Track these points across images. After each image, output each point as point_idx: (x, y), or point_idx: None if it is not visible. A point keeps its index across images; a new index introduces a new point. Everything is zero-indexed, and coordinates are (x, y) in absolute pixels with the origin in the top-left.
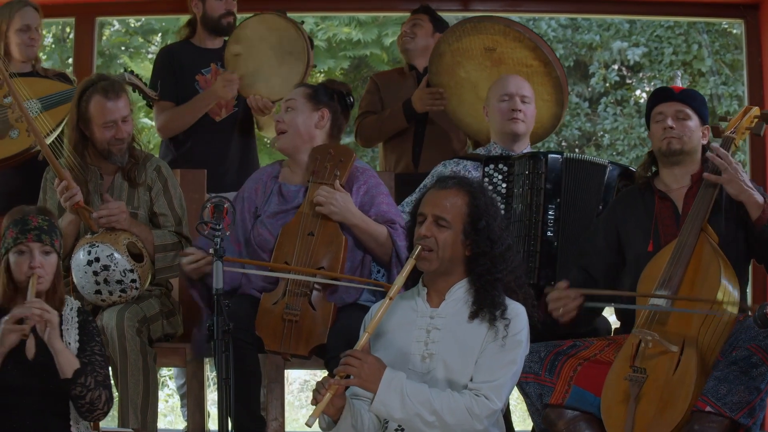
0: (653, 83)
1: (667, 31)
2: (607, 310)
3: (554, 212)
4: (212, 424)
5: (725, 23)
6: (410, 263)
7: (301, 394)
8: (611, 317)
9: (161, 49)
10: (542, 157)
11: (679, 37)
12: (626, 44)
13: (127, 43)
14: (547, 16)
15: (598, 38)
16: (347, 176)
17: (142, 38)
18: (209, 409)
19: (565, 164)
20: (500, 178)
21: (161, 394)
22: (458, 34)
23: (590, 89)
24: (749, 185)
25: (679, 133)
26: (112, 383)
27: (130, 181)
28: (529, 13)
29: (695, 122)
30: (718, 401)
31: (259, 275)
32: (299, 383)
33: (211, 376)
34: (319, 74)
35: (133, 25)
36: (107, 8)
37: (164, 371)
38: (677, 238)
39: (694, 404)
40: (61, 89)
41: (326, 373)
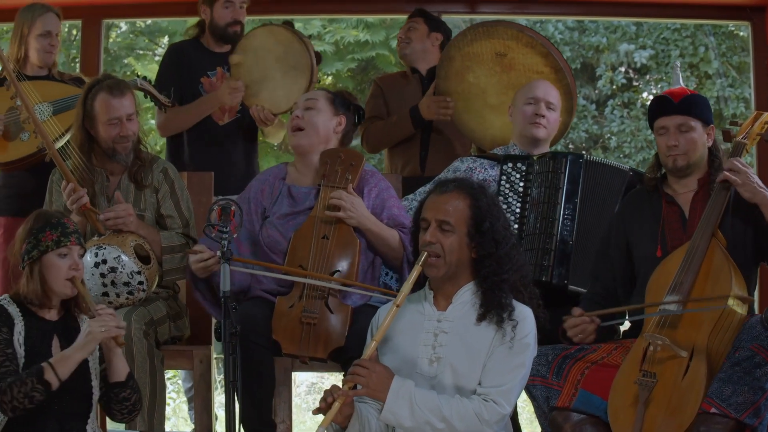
0: (660, 85)
1: (673, 33)
2: None
3: (571, 212)
4: (219, 426)
5: (732, 25)
6: (417, 270)
7: (308, 396)
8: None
9: (170, 45)
10: (563, 157)
11: (685, 39)
12: (633, 46)
13: (133, 44)
14: (554, 18)
15: (605, 40)
16: (358, 180)
17: (148, 39)
18: (216, 411)
19: (585, 166)
20: (518, 177)
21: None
22: (470, 38)
23: (597, 91)
24: (762, 186)
25: (683, 148)
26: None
27: (136, 183)
28: (536, 15)
29: (699, 130)
30: (722, 402)
31: (270, 277)
32: (306, 386)
33: (219, 378)
34: (326, 76)
35: (139, 26)
36: (114, 10)
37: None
38: (689, 242)
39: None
40: (73, 93)
41: (333, 375)
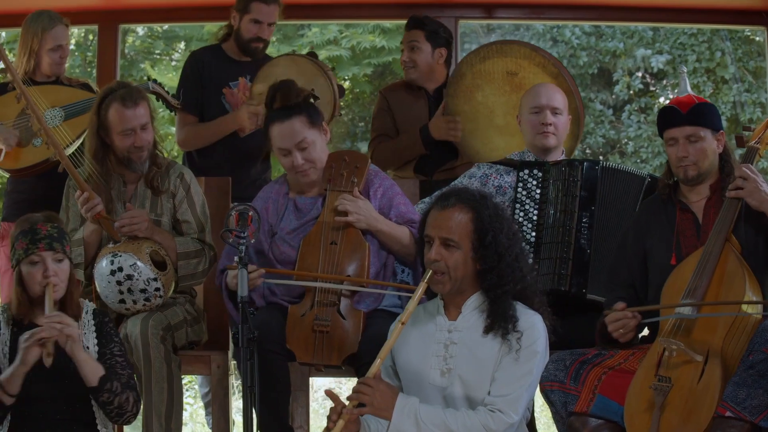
0: (676, 91)
1: (690, 38)
2: None
3: (588, 220)
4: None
5: (748, 30)
6: (422, 287)
7: (325, 401)
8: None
9: (191, 55)
10: (578, 164)
11: (702, 44)
12: (650, 51)
13: (150, 49)
14: (571, 23)
15: (621, 46)
16: (364, 182)
17: (165, 44)
18: (234, 417)
19: (601, 173)
20: (534, 183)
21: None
22: (482, 55)
23: (614, 97)
24: None
25: (693, 158)
26: (136, 382)
27: (153, 188)
28: (553, 20)
29: (708, 139)
30: (737, 406)
31: (282, 288)
32: (324, 391)
33: (236, 383)
34: (344, 81)
35: (156, 30)
36: (130, 15)
37: (190, 380)
38: (702, 248)
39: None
40: (83, 98)
41: (351, 380)
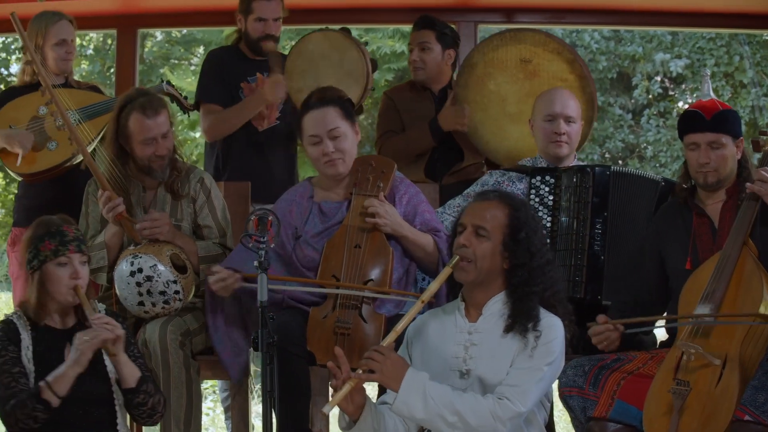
0: (695, 95)
1: (708, 42)
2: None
3: (601, 226)
4: None
5: (766, 35)
6: (446, 271)
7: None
8: (658, 330)
9: (209, 52)
10: (589, 170)
11: (720, 48)
12: (669, 56)
13: (168, 54)
14: (590, 28)
15: (640, 50)
16: (390, 187)
17: (183, 49)
18: (253, 421)
19: (612, 178)
20: (547, 190)
21: (203, 406)
22: (495, 43)
23: (633, 101)
24: None
25: (714, 165)
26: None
27: (173, 193)
28: (572, 25)
29: (729, 146)
30: (756, 410)
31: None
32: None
33: (256, 388)
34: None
35: (174, 35)
36: (149, 20)
37: (205, 385)
38: (720, 251)
39: None
40: (98, 100)
41: (370, 385)
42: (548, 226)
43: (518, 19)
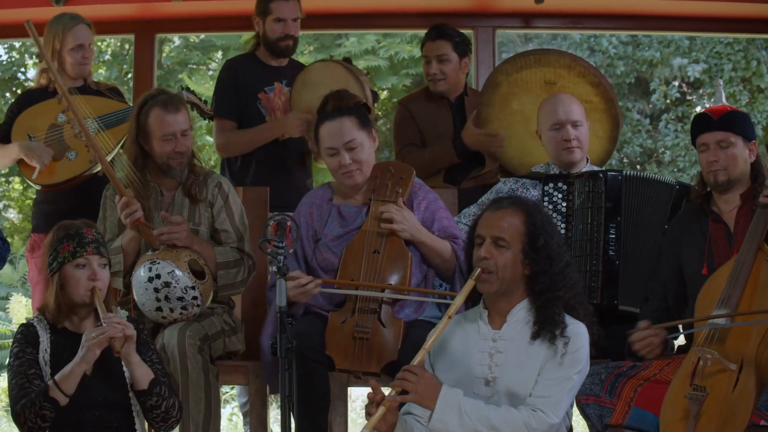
0: (713, 99)
1: (726, 47)
2: None
3: (615, 231)
4: None
5: None
6: (469, 284)
7: (363, 411)
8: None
9: (225, 62)
10: (601, 175)
11: (738, 53)
12: (686, 60)
13: (186, 59)
14: (608, 33)
15: (658, 55)
16: (408, 193)
17: (201, 54)
18: (272, 427)
19: (624, 182)
20: (560, 196)
21: (226, 411)
22: (519, 65)
23: (651, 106)
24: None
25: (723, 164)
26: (176, 388)
27: (191, 197)
28: (590, 30)
29: (739, 146)
30: None
31: (323, 295)
32: (362, 400)
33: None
34: (382, 91)
35: (192, 40)
36: (167, 25)
37: (227, 390)
38: (735, 257)
39: None
40: (118, 108)
41: (389, 389)
42: (562, 232)
43: (536, 24)
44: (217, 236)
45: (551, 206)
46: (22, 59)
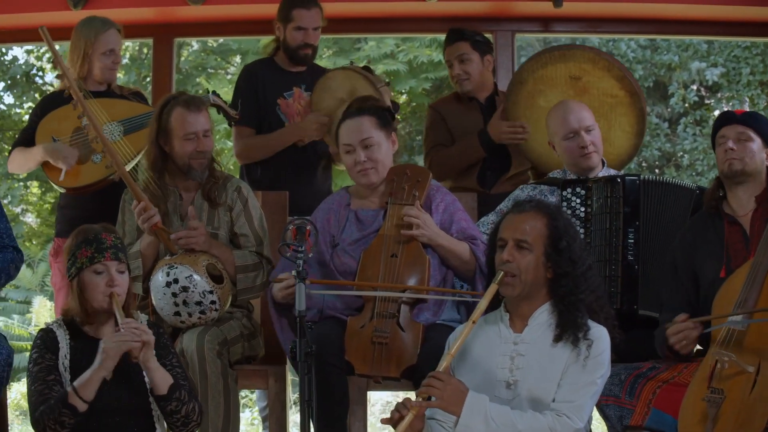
0: (731, 103)
1: (744, 51)
2: None
3: (634, 236)
4: None
5: None
6: (492, 288)
7: (383, 415)
8: None
9: (243, 68)
10: (619, 180)
11: (756, 57)
12: (704, 64)
13: (205, 63)
14: (626, 37)
15: (676, 59)
16: (425, 196)
17: (219, 58)
18: (291, 431)
19: (642, 186)
20: (578, 201)
21: (246, 416)
22: (543, 61)
23: (669, 109)
24: None
25: (740, 154)
26: (196, 392)
27: (210, 201)
28: (608, 34)
29: (758, 144)
30: None
31: (342, 301)
32: (381, 404)
33: (294, 397)
34: (401, 95)
35: (210, 44)
36: (185, 29)
37: (246, 394)
38: (752, 259)
39: None
40: (142, 111)
41: (407, 393)
42: (582, 237)
43: (555, 28)
44: (236, 240)
45: (570, 211)
46: (40, 62)
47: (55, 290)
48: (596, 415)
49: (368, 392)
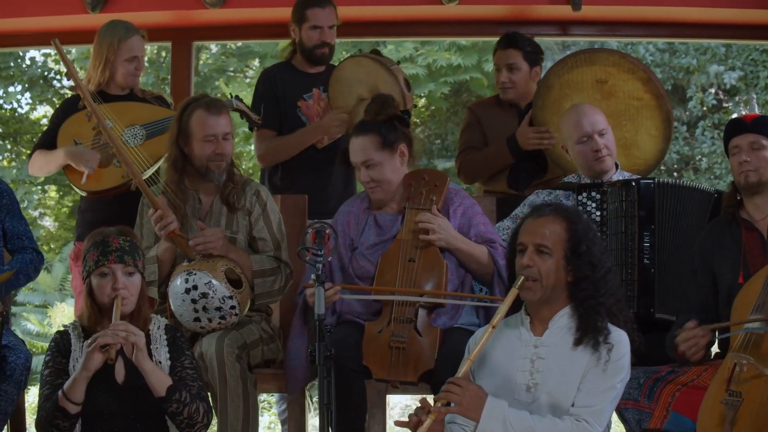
0: (749, 107)
1: (762, 54)
2: None
3: (649, 239)
4: None
5: None
6: (513, 293)
7: (402, 419)
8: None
9: (262, 72)
10: (634, 183)
11: None
12: (723, 68)
13: (224, 66)
14: (644, 40)
15: (695, 62)
16: (443, 200)
17: (238, 61)
18: None
19: (657, 189)
20: (594, 206)
21: (265, 420)
22: (570, 65)
23: (688, 113)
24: None
25: (755, 164)
26: (208, 394)
27: (229, 205)
28: (627, 37)
29: None
30: None
31: (358, 302)
32: (400, 408)
33: (313, 401)
34: (420, 98)
35: (230, 48)
36: (204, 33)
37: (265, 397)
38: None
39: None
40: (165, 116)
41: (427, 397)
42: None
43: (573, 31)
44: (254, 244)
45: (585, 215)
46: (58, 66)
47: (75, 294)
48: (615, 418)
49: (387, 396)
